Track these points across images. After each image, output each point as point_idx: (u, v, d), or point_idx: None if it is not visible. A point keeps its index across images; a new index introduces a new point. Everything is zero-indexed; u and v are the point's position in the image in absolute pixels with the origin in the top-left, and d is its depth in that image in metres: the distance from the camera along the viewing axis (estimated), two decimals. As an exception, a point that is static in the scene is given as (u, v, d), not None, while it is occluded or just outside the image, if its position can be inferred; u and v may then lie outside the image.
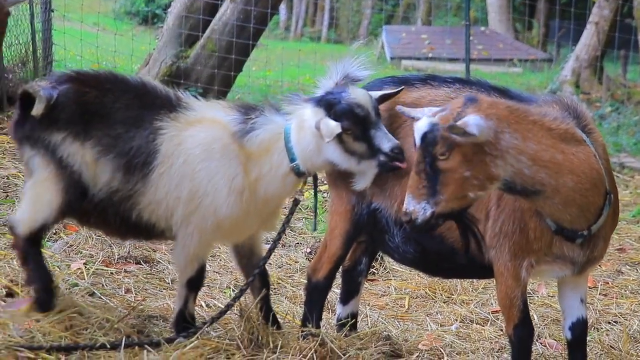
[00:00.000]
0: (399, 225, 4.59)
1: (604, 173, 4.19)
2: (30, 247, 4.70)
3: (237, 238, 4.85)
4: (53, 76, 4.76)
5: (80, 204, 4.62)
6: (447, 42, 24.68)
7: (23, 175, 7.90)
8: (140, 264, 6.16)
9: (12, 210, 6.89)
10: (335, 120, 4.40)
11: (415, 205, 3.94)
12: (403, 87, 4.61)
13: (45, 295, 4.69)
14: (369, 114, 4.44)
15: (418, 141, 3.95)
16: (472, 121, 3.84)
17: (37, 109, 4.53)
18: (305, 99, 4.62)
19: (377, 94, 4.56)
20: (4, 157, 8.53)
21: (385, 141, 4.41)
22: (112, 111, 4.59)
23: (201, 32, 11.88)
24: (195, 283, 4.75)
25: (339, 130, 4.36)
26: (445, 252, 4.51)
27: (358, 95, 4.48)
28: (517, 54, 24.77)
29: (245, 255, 4.92)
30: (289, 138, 4.55)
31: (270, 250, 4.82)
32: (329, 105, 4.47)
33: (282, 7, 32.90)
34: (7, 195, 7.37)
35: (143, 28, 26.01)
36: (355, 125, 4.42)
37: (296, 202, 4.79)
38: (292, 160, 4.55)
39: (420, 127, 3.95)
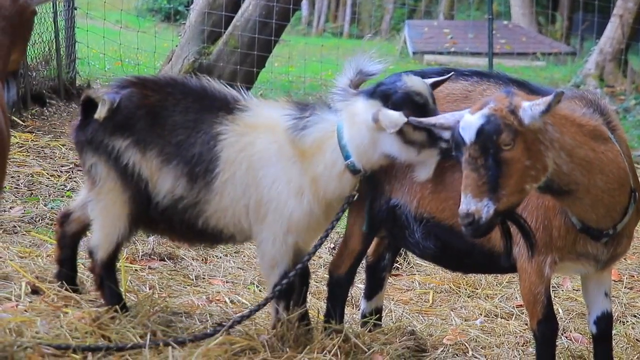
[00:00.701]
0: (419, 222, 4.56)
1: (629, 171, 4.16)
2: (106, 272, 4.76)
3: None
4: (113, 82, 4.80)
5: (147, 213, 4.65)
6: (470, 36, 24.55)
7: (47, 173, 7.96)
8: (165, 261, 6.17)
9: (37, 208, 6.93)
10: (394, 110, 4.26)
11: (476, 204, 3.75)
12: (452, 73, 4.54)
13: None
14: (427, 102, 4.32)
15: (471, 137, 3.78)
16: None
17: (101, 112, 4.56)
18: (354, 92, 4.48)
19: (430, 80, 4.43)
20: (28, 155, 8.58)
21: None
22: (173, 115, 4.59)
23: (223, 28, 11.90)
24: (281, 290, 4.61)
25: (403, 120, 4.21)
26: (465, 248, 4.47)
27: (415, 83, 4.35)
28: (540, 47, 24.57)
29: (293, 256, 4.71)
30: (342, 135, 4.43)
31: (317, 247, 4.69)
32: (385, 95, 4.34)
33: (304, 3, 32.83)
34: (32, 193, 7.41)
35: (165, 25, 26.06)
36: (415, 113, 4.24)
37: (350, 199, 4.58)
38: (346, 157, 4.42)
39: (472, 122, 3.80)
